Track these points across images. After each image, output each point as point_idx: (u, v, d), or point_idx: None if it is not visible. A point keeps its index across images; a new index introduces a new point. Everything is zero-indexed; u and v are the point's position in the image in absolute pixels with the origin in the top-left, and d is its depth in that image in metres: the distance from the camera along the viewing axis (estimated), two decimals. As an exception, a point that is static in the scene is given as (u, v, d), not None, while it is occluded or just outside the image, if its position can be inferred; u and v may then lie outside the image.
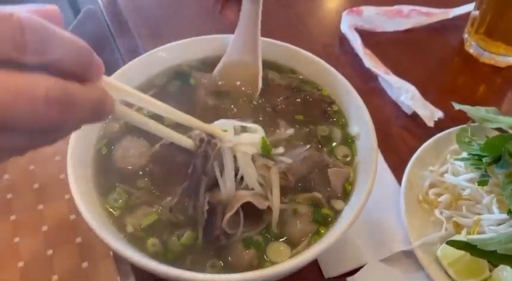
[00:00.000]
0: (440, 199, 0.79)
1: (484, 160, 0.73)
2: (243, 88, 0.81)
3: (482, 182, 0.72)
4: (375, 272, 0.72)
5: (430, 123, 0.93)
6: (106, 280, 0.76)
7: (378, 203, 0.82)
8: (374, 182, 0.64)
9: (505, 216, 0.70)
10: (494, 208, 0.72)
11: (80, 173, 0.64)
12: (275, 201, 0.63)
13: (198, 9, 1.23)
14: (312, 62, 0.82)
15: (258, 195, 0.62)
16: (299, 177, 0.67)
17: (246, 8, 0.79)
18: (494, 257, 0.62)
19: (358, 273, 0.71)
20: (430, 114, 0.93)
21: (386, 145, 0.94)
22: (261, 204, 0.61)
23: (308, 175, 0.68)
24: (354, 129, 0.76)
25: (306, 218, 0.64)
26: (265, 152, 0.66)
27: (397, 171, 0.87)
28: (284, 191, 0.66)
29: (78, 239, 0.78)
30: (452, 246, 0.65)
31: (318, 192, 0.67)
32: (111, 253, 0.76)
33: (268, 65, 0.85)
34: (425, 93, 1.00)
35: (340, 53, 1.15)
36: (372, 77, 1.07)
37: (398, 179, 0.85)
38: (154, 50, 0.82)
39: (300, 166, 0.67)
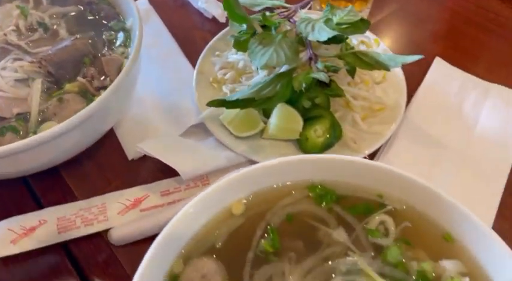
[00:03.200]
0: (226, 77, 0.90)
1: (246, 31, 0.84)
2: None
3: (236, 45, 0.83)
4: (166, 140, 0.82)
5: (222, 20, 1.03)
6: None
7: (175, 89, 0.92)
8: (138, 52, 0.73)
9: (265, 73, 0.82)
10: (260, 70, 0.84)
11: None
12: (33, 109, 0.71)
13: None
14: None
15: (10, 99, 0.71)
16: (58, 63, 0.74)
17: None
18: (239, 104, 0.74)
19: (147, 141, 0.80)
20: (221, 11, 1.03)
21: (192, 47, 1.03)
22: (4, 112, 0.70)
23: (73, 63, 0.75)
24: (128, 22, 0.83)
25: (74, 102, 0.72)
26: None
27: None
28: (51, 84, 0.75)
29: None
30: (210, 105, 0.76)
31: (94, 79, 0.75)
32: None
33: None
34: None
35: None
36: (178, -7, 1.15)
37: (197, 69, 0.95)
38: None
39: (59, 53, 0.74)
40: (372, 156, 0.82)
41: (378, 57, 0.74)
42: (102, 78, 0.76)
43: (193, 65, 0.97)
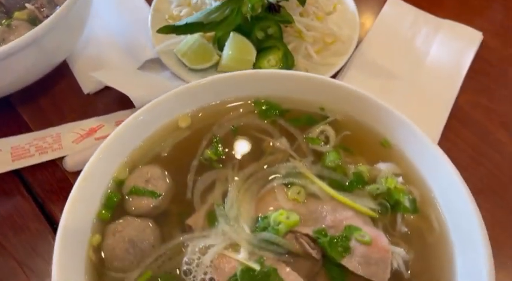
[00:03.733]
0: (181, 13, 0.90)
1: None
2: None
3: None
4: (121, 71, 0.83)
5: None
6: None
7: (132, 27, 0.92)
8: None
9: (218, 3, 0.83)
10: (213, 2, 0.85)
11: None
12: None
13: None
14: None
15: None
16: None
17: None
18: (188, 28, 0.75)
19: (103, 71, 0.81)
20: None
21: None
22: None
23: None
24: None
25: (23, 28, 0.72)
26: None
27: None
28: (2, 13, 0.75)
29: None
30: (161, 32, 0.77)
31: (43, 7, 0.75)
32: None
33: None
34: None
35: None
36: None
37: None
38: None
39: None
40: (324, 87, 0.84)
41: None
42: (52, 7, 0.76)
43: (150, 5, 0.97)
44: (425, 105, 0.82)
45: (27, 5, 0.73)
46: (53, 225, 0.70)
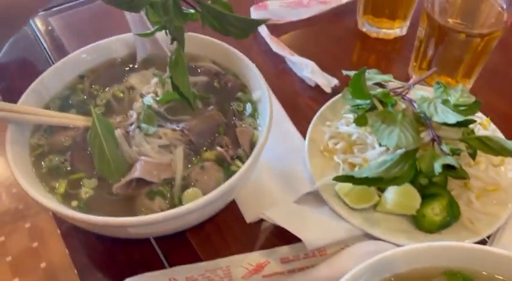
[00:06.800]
0: (337, 147, 0.94)
1: (362, 106, 0.89)
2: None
3: (357, 120, 0.87)
4: (287, 208, 0.86)
5: (328, 90, 1.09)
6: (56, 255, 0.85)
7: (287, 157, 0.97)
8: (270, 129, 0.79)
9: (382, 149, 0.86)
10: (376, 145, 0.88)
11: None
12: (178, 175, 0.78)
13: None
14: (223, 50, 0.95)
15: (157, 165, 0.76)
16: (198, 132, 0.81)
17: None
18: (367, 182, 0.77)
19: (271, 209, 0.84)
20: (327, 82, 1.10)
21: (295, 113, 1.09)
22: (154, 177, 0.75)
23: (210, 132, 0.82)
24: (255, 95, 0.90)
25: (213, 170, 0.78)
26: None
27: (305, 132, 1.02)
28: (191, 151, 0.81)
29: (27, 224, 0.87)
30: (336, 180, 0.80)
31: (229, 149, 0.81)
32: (59, 231, 0.85)
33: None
34: (325, 67, 1.16)
35: (253, 44, 1.30)
36: (280, 60, 1.22)
37: (305, 137, 1.00)
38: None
39: (198, 123, 0.81)
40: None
41: (504, 143, 0.76)
42: (236, 147, 0.82)
43: (299, 132, 1.02)
44: None
45: (218, 148, 0.79)
46: None
